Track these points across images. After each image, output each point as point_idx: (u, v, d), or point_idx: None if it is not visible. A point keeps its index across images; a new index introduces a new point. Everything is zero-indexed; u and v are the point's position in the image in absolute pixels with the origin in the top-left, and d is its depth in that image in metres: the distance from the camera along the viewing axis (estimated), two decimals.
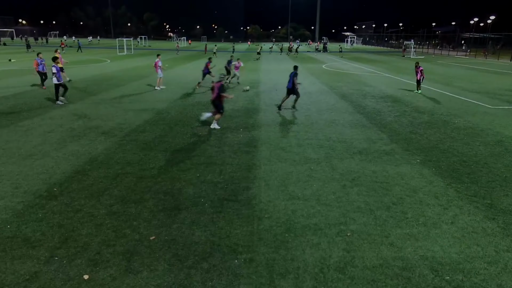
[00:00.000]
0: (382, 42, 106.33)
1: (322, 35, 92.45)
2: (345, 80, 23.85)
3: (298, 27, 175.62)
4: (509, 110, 14.54)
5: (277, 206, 6.10)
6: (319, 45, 68.68)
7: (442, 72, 30.27)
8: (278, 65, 35.98)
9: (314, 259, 4.69)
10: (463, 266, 4.57)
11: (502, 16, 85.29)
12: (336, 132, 10.78)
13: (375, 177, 7.39)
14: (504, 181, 7.26)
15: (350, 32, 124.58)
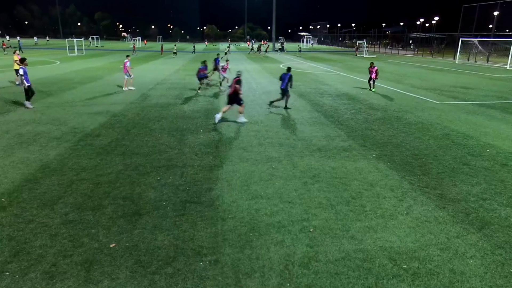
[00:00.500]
0: (336, 42, 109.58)
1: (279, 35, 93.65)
2: (302, 79, 24.31)
3: (255, 27, 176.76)
4: (454, 105, 15.51)
5: (241, 206, 6.11)
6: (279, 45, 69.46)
7: (393, 71, 31.73)
8: (236, 65, 35.99)
9: (279, 256, 4.74)
10: (418, 254, 4.82)
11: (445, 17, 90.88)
12: (295, 130, 10.97)
13: (335, 173, 7.61)
14: (452, 172, 7.74)
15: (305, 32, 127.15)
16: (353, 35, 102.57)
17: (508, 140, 10.12)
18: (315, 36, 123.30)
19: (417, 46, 67.40)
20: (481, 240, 5.14)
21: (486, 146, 9.59)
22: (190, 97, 16.79)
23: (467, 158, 8.62)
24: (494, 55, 44.01)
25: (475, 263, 4.63)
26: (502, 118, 13.00)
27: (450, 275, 4.39)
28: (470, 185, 7.03)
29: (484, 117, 13.13)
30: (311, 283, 4.24)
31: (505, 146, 9.61)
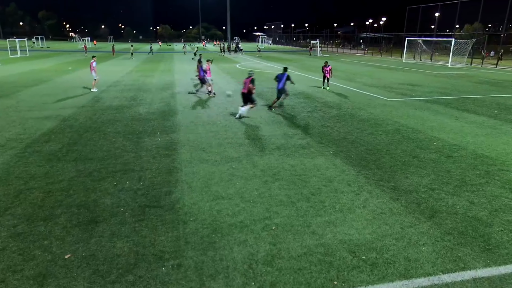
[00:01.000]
0: (291, 41, 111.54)
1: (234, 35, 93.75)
2: (259, 78, 24.47)
3: (209, 27, 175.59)
4: (403, 101, 16.35)
5: (202, 207, 6.05)
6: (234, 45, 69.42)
7: (346, 69, 32.84)
8: (192, 65, 35.53)
9: (243, 256, 4.75)
10: (376, 244, 5.03)
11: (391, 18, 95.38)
12: (254, 130, 11.03)
13: (294, 170, 7.74)
14: (404, 165, 8.15)
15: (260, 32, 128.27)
16: (307, 35, 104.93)
17: (452, 133, 10.83)
18: (270, 36, 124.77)
19: (367, 45, 70.24)
20: (432, 228, 5.46)
21: (433, 139, 10.19)
22: (145, 98, 16.35)
23: (416, 151, 9.11)
24: (436, 53, 46.89)
25: (427, 250, 4.91)
26: (445, 112, 13.88)
27: (405, 263, 4.62)
28: (420, 177, 7.44)
29: (430, 112, 13.95)
30: (275, 280, 4.29)
31: (450, 138, 10.27)
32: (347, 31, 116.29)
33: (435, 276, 4.37)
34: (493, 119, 12.78)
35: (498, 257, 4.75)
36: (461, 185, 7.06)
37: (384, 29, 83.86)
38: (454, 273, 4.44)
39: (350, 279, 4.31)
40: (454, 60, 39.12)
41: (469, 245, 5.01)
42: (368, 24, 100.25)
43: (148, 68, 32.03)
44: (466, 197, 6.53)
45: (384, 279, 4.32)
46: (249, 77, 12.69)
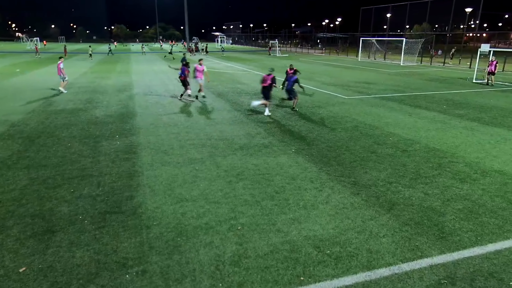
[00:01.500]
0: (250, 41, 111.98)
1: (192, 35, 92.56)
2: (219, 79, 24.39)
3: (167, 27, 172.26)
4: (360, 99, 16.92)
5: (166, 211, 5.93)
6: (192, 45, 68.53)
7: (305, 69, 33.45)
8: (150, 66, 34.74)
9: (209, 258, 4.71)
10: (339, 239, 5.17)
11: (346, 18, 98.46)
12: (216, 131, 10.97)
13: (258, 169, 7.78)
14: (363, 160, 8.44)
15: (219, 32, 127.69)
16: (266, 35, 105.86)
17: (406, 129, 11.36)
18: (229, 36, 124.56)
19: (325, 45, 72.01)
20: (391, 220, 5.70)
21: (389, 135, 10.64)
22: (102, 101, 15.76)
23: (374, 147, 9.47)
24: (389, 53, 48.96)
25: (387, 241, 5.12)
26: (400, 109, 14.54)
27: (368, 255, 4.79)
28: (378, 171, 7.74)
29: (385, 109, 14.55)
30: (242, 280, 4.29)
31: (404, 134, 10.76)
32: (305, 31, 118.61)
33: (395, 266, 4.57)
34: (443, 114, 13.55)
35: (451, 244, 5.05)
36: (416, 177, 7.42)
37: (339, 29, 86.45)
38: (413, 261, 4.66)
39: (316, 274, 4.40)
40: (406, 59, 41.07)
41: (425, 234, 5.29)
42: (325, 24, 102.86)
43: (104, 69, 30.90)
44: (421, 189, 6.88)
45: (348, 271, 4.46)
46: (270, 74, 13.23)
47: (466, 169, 7.90)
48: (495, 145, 9.70)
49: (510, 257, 4.77)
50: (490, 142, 10.02)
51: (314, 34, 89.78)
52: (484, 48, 25.19)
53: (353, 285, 4.23)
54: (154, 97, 16.97)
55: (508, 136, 10.61)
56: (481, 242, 5.11)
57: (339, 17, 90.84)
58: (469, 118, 12.93)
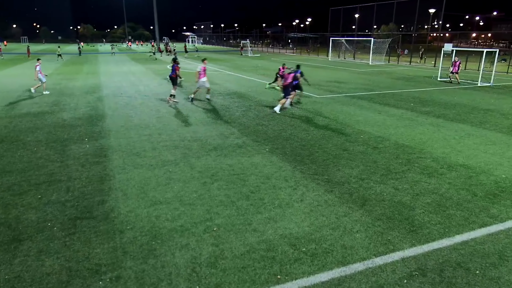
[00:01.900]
0: (221, 41, 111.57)
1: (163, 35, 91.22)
2: (192, 79, 24.13)
3: (136, 27, 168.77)
4: (331, 98, 17.22)
5: (139, 214, 5.81)
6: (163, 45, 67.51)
7: (276, 68, 33.65)
8: (120, 67, 33.93)
9: (185, 260, 4.66)
10: (314, 236, 5.24)
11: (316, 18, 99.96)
12: (190, 131, 10.86)
13: (232, 170, 7.77)
14: (335, 158, 8.60)
15: (190, 32, 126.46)
16: (237, 35, 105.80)
17: (376, 126, 11.66)
18: (200, 36, 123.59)
19: (296, 45, 72.78)
20: (364, 216, 5.83)
21: (360, 132, 10.89)
22: (69, 103, 15.26)
23: (346, 144, 9.66)
24: (358, 52, 50.13)
25: (361, 236, 5.24)
26: (369, 107, 14.91)
27: (342, 251, 4.88)
28: (350, 168, 7.90)
29: (356, 107, 14.88)
30: (220, 281, 4.27)
31: (374, 131, 11.04)
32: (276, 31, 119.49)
33: (369, 260, 4.68)
34: (410, 112, 14.00)
35: (421, 237, 5.22)
36: (386, 173, 7.64)
37: (310, 29, 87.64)
38: (385, 255, 4.79)
39: (292, 272, 4.44)
40: (374, 58, 42.15)
41: (396, 228, 5.45)
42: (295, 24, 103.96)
43: (71, 71, 29.91)
44: (391, 184, 7.08)
45: (324, 268, 4.53)
46: (291, 72, 13.89)
47: (433, 164, 8.20)
48: (459, 141, 10.12)
49: (476, 247, 4.99)
50: (455, 137, 10.45)
51: (285, 34, 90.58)
52: (447, 47, 26.24)
53: (329, 281, 4.30)
54: (125, 98, 16.60)
55: (471, 132, 11.10)
56: (449, 233, 5.32)
57: (309, 18, 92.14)
58: (435, 115, 13.43)
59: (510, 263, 4.64)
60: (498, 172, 7.74)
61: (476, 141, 10.11)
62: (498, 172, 7.74)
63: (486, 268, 4.54)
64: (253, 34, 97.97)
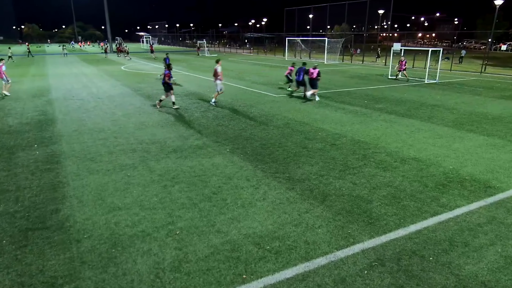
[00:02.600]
0: (177, 42, 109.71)
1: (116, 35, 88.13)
2: (147, 80, 23.56)
3: (86, 27, 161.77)
4: (289, 97, 17.48)
5: (97, 222, 5.58)
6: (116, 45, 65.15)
7: (234, 69, 33.69)
8: (70, 68, 32.36)
9: (148, 266, 4.54)
10: (278, 233, 5.30)
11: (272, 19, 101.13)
12: (147, 134, 10.58)
13: (193, 171, 7.67)
14: (295, 156, 8.75)
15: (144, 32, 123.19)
16: (193, 35, 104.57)
17: (333, 123, 12.00)
18: (155, 36, 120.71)
19: (252, 45, 73.16)
20: (324, 211, 5.98)
21: (318, 130, 11.15)
22: (15, 108, 14.33)
23: (305, 142, 9.86)
24: (314, 52, 51.31)
25: (322, 231, 5.37)
26: (326, 105, 15.31)
27: (305, 246, 4.98)
28: (310, 165, 8.08)
29: (313, 105, 15.22)
30: (184, 285, 4.20)
31: (332, 128, 11.36)
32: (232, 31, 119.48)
33: (331, 254, 4.81)
34: (365, 109, 14.55)
35: (379, 228, 5.45)
36: (344, 169, 7.88)
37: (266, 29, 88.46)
38: (346, 248, 4.95)
39: (257, 270, 4.47)
40: (329, 58, 43.35)
41: (356, 222, 5.64)
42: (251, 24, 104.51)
43: (15, 73, 28.09)
44: (349, 179, 7.32)
45: (288, 264, 4.59)
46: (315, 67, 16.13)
47: (387, 158, 8.57)
48: (410, 135, 10.67)
49: (429, 235, 5.28)
50: (406, 132, 11.00)
51: (241, 34, 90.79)
52: (396, 47, 27.56)
53: (294, 277, 4.37)
54: (77, 101, 15.86)
55: (421, 126, 11.74)
56: (404, 224, 5.59)
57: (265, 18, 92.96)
58: (387, 111, 14.05)
59: (460, 248, 4.96)
60: (446, 163, 8.25)
61: (425, 135, 10.70)
62: (446, 163, 8.25)
63: (439, 254, 4.82)
64: (210, 34, 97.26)
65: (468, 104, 15.82)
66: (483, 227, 5.52)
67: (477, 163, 8.27)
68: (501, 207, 6.15)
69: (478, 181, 7.26)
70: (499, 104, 15.94)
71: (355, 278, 4.34)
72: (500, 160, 8.52)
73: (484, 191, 6.78)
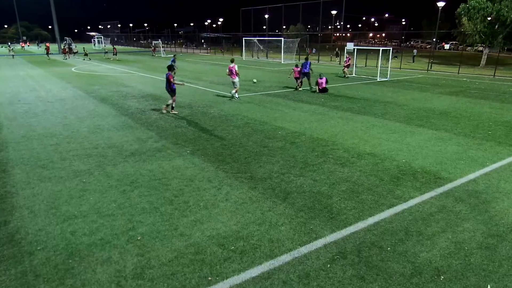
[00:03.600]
0: (131, 42, 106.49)
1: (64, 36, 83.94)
2: (100, 82, 22.68)
3: (31, 27, 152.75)
4: (248, 96, 17.55)
5: (51, 232, 5.29)
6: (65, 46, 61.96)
7: (192, 69, 33.30)
8: (15, 71, 30.40)
9: (108, 275, 4.37)
10: (242, 233, 5.30)
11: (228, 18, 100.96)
12: (103, 138, 10.18)
13: (153, 175, 7.48)
14: (256, 155, 8.79)
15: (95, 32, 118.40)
16: (148, 35, 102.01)
17: (292, 122, 12.20)
18: (107, 36, 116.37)
19: (209, 45, 72.66)
20: (287, 208, 6.07)
21: (277, 129, 11.29)
22: None
23: (265, 141, 9.94)
24: (271, 51, 51.87)
25: (286, 228, 5.45)
26: (285, 104, 15.54)
27: (270, 244, 5.02)
28: (271, 164, 8.16)
29: (272, 104, 15.39)
30: None
31: (291, 127, 11.55)
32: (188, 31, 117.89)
33: (295, 250, 4.89)
34: (322, 107, 14.93)
35: (339, 223, 5.61)
36: (305, 166, 8.04)
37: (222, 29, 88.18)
38: (309, 244, 5.05)
39: (223, 272, 4.45)
40: (286, 57, 44.02)
41: (317, 217, 5.77)
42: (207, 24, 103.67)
43: None
44: (310, 176, 7.48)
45: (253, 263, 4.61)
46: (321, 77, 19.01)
47: (345, 154, 8.85)
48: (365, 131, 11.09)
49: (386, 226, 5.52)
50: (362, 128, 11.42)
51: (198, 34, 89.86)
52: (349, 46, 28.52)
53: (259, 275, 4.39)
54: (24, 105, 14.93)
55: (375, 122, 12.24)
56: (363, 217, 5.81)
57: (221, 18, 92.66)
58: (343, 109, 14.51)
59: (414, 237, 5.23)
60: (399, 157, 8.66)
61: (379, 130, 11.17)
62: (399, 157, 8.66)
63: (396, 244, 5.05)
64: (165, 34, 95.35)
65: (417, 101, 16.71)
66: (435, 216, 5.86)
67: (427, 156, 8.76)
68: (450, 196, 6.56)
69: (429, 172, 7.69)
70: (444, 100, 16.98)
71: (318, 273, 4.45)
72: (447, 152, 9.08)
73: (434, 182, 7.19)
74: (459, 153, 9.02)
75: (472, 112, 14.19)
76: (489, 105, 15.69)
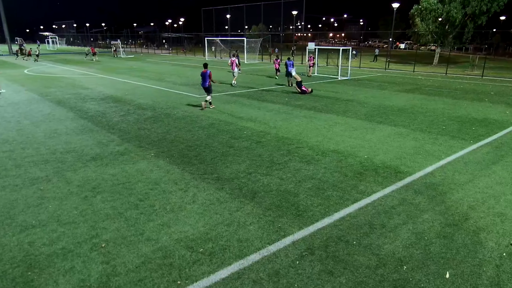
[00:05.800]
0: (88, 42, 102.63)
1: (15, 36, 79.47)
2: (56, 84, 21.68)
3: None
4: (213, 97, 17.41)
5: (7, 244, 4.99)
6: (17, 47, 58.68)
7: (153, 70, 32.60)
8: None
9: (72, 285, 4.19)
10: (210, 235, 5.26)
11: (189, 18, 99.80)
12: (61, 143, 9.74)
13: (116, 179, 7.26)
14: (222, 155, 8.76)
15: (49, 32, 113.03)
16: (106, 35, 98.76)
17: (257, 122, 12.26)
18: (62, 36, 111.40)
19: (171, 45, 71.46)
20: (255, 208, 6.09)
21: (243, 129, 11.30)
22: None
23: (231, 141, 9.92)
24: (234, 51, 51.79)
25: (254, 228, 5.47)
26: (249, 104, 15.58)
27: (239, 244, 5.02)
28: (238, 164, 8.16)
29: (237, 104, 15.38)
30: None
31: (256, 126, 11.60)
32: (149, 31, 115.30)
33: (264, 249, 4.92)
34: (286, 106, 15.11)
35: (307, 219, 5.71)
36: (271, 165, 8.11)
37: (184, 29, 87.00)
38: (278, 242, 5.10)
39: (192, 275, 4.39)
40: (249, 57, 44.16)
41: (285, 215, 5.84)
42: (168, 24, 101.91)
43: None
44: (276, 175, 7.55)
45: (223, 264, 4.59)
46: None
47: (310, 152, 9.02)
48: (329, 129, 11.35)
49: (351, 221, 5.68)
50: (325, 126, 11.68)
51: (158, 34, 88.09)
52: (311, 46, 29.05)
53: (229, 276, 4.38)
54: None
55: (338, 120, 12.55)
56: (329, 213, 5.94)
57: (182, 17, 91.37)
58: (306, 108, 14.76)
59: (378, 230, 5.42)
60: (361, 153, 8.94)
61: (342, 128, 11.47)
62: (361, 153, 8.94)
63: (361, 237, 5.22)
64: (124, 34, 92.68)
65: (376, 98, 17.32)
66: (396, 208, 6.10)
67: (387, 151, 9.10)
68: (409, 189, 6.86)
69: (389, 167, 8.00)
70: (402, 97, 17.72)
71: (288, 270, 4.50)
72: (406, 147, 9.49)
73: (395, 176, 7.49)
74: (417, 147, 9.45)
75: (427, 108, 14.91)
76: (442, 101, 16.56)
